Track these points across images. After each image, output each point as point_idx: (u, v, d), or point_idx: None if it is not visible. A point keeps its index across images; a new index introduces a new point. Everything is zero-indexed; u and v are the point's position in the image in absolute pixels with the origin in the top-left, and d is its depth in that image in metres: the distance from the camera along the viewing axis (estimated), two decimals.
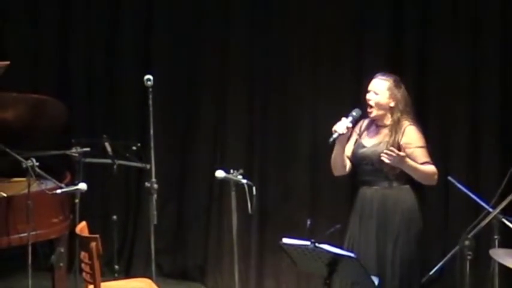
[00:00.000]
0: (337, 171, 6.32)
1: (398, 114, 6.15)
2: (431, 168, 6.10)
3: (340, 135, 6.09)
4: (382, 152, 6.00)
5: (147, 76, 7.32)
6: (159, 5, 8.57)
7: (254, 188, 6.93)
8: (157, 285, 6.83)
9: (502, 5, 7.95)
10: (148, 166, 7.40)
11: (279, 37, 8.33)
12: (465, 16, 8.03)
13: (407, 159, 6.00)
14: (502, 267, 5.91)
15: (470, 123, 8.09)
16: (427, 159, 6.11)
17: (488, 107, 8.06)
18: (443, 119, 8.14)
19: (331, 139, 6.09)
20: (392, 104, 6.15)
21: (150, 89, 7.31)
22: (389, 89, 6.15)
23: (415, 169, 6.04)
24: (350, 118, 6.12)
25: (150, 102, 7.30)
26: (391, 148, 5.99)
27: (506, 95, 8.03)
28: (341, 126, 6.09)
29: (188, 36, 8.52)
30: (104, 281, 6.55)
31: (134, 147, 7.62)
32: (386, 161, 5.98)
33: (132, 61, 8.59)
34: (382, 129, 6.19)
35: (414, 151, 6.08)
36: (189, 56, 8.53)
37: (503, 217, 5.95)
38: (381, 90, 6.15)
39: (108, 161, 7.62)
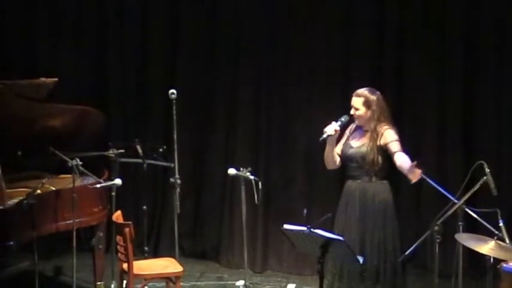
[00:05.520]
0: (329, 166, 6.32)
1: (375, 122, 6.13)
2: (404, 157, 5.99)
3: (328, 136, 6.10)
4: (365, 152, 6.04)
5: (172, 90, 7.33)
6: (182, 33, 8.55)
7: (260, 183, 6.94)
8: (180, 263, 6.83)
9: (465, 29, 7.98)
10: (172, 165, 7.39)
11: (281, 58, 8.33)
12: (435, 39, 8.05)
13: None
14: (465, 248, 5.91)
15: (438, 128, 8.11)
16: (399, 148, 6.04)
17: (453, 115, 8.07)
18: (416, 125, 8.15)
19: (321, 138, 6.12)
20: (369, 114, 6.14)
21: (174, 101, 7.32)
22: (364, 103, 6.14)
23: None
24: (339, 122, 6.13)
25: (174, 111, 7.31)
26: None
27: (468, 104, 8.05)
28: (330, 128, 6.10)
29: (205, 58, 8.51)
30: (135, 260, 6.57)
31: (161, 149, 7.60)
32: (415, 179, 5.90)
33: (159, 78, 8.57)
34: (366, 133, 6.19)
35: (390, 144, 6.05)
36: (206, 74, 8.52)
37: (466, 207, 5.95)
38: (359, 106, 6.16)
39: (139, 160, 7.59)
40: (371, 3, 8.12)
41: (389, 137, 6.10)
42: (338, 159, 6.26)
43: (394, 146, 6.06)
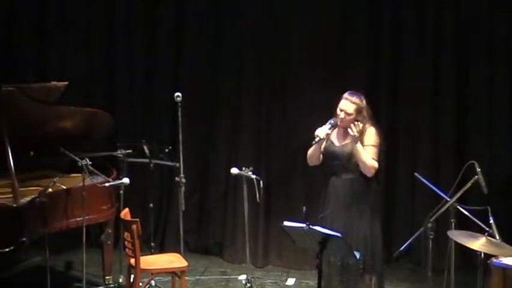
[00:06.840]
0: (311, 163, 6.27)
1: (361, 125, 6.04)
2: (373, 161, 6.00)
3: (320, 139, 6.09)
4: (350, 153, 6.00)
5: (177, 93, 7.34)
6: (186, 37, 8.57)
7: (261, 182, 6.95)
8: (185, 258, 6.83)
9: (457, 34, 8.00)
10: (177, 164, 7.40)
11: (281, 59, 8.35)
12: (429, 46, 8.07)
13: (359, 143, 5.97)
14: (457, 244, 5.93)
15: (432, 131, 8.12)
16: (374, 156, 6.01)
17: (446, 119, 8.09)
18: (411, 128, 8.17)
19: (314, 142, 6.09)
20: (359, 120, 6.06)
21: (179, 104, 7.33)
22: (356, 110, 6.06)
23: (360, 152, 5.96)
24: (329, 125, 6.10)
25: (179, 113, 7.32)
26: (357, 125, 5.97)
27: (460, 109, 8.07)
28: (322, 132, 6.07)
29: (209, 63, 8.53)
30: (142, 255, 6.57)
31: (167, 150, 7.60)
32: (351, 132, 5.94)
33: (165, 82, 8.59)
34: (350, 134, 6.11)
35: (366, 147, 6.01)
36: (209, 78, 8.54)
37: (458, 205, 5.97)
38: (351, 111, 6.06)
39: (146, 160, 7.60)
40: (370, 4, 8.16)
41: (369, 137, 6.04)
42: (321, 156, 6.22)
43: (369, 151, 6.01)
